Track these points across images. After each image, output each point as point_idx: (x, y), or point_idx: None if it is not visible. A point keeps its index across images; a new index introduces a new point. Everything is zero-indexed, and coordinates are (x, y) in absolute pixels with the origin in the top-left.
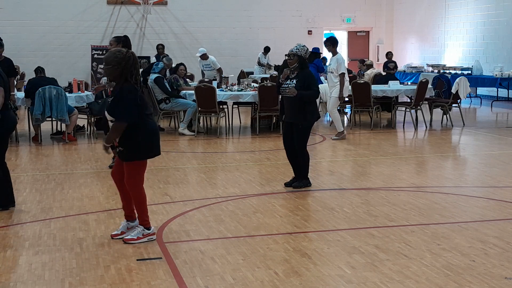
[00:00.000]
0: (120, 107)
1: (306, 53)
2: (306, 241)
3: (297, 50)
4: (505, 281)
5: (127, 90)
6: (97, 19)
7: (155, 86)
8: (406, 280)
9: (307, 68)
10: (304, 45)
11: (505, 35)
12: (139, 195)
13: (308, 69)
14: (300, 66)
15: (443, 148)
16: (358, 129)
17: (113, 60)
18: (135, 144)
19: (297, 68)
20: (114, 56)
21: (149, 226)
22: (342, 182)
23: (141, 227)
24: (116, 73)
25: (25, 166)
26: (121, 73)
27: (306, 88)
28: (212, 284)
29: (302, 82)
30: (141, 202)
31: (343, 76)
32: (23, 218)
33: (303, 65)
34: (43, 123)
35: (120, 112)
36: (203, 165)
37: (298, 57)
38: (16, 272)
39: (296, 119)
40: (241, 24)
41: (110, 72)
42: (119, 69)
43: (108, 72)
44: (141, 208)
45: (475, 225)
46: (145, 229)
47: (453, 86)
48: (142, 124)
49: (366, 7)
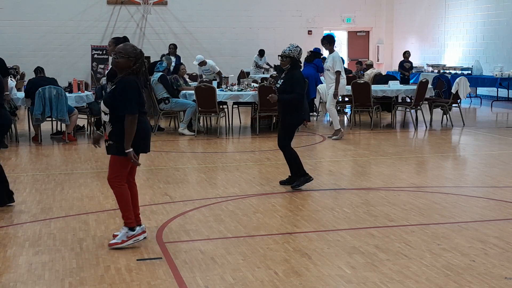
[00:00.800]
0: (124, 100)
1: (299, 54)
2: (306, 241)
3: (289, 52)
4: (505, 281)
5: (130, 82)
6: (97, 19)
7: (158, 85)
8: (406, 280)
9: (296, 69)
10: (297, 46)
11: (505, 35)
12: (121, 190)
13: (297, 70)
14: (291, 67)
15: (443, 148)
16: (358, 129)
17: (131, 52)
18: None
19: (289, 69)
20: (133, 48)
21: (134, 227)
22: (342, 182)
23: (125, 229)
24: (129, 64)
25: (25, 166)
26: (133, 66)
27: (290, 90)
28: (212, 284)
29: (286, 84)
30: (123, 199)
31: (339, 74)
32: (23, 218)
33: (294, 66)
34: (43, 123)
35: (125, 105)
36: (203, 165)
37: (290, 58)
38: (16, 272)
39: (282, 118)
40: (241, 24)
41: (123, 61)
42: (132, 62)
43: (121, 60)
44: (123, 205)
45: (475, 225)
46: (129, 231)
47: (453, 86)
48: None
49: (366, 7)
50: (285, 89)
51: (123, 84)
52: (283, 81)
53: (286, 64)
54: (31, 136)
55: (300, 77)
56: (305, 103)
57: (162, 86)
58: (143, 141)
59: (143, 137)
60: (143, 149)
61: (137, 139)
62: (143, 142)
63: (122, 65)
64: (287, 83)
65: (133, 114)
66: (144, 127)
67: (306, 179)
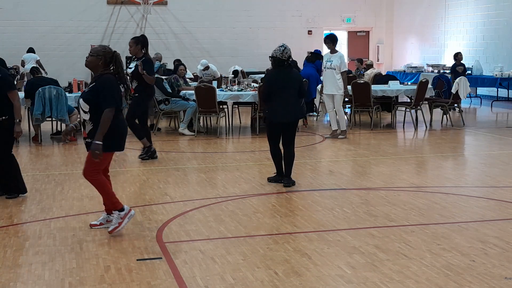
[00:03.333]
0: (104, 94)
1: (283, 54)
2: (306, 241)
3: (281, 55)
4: (505, 281)
5: (109, 78)
6: (97, 19)
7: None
8: (406, 280)
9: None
10: (285, 47)
11: (505, 35)
12: (98, 181)
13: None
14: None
15: (443, 148)
16: (358, 129)
17: (100, 50)
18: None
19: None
20: (102, 48)
21: (122, 207)
22: (342, 182)
23: (116, 213)
24: (97, 62)
25: (25, 166)
26: (104, 64)
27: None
28: (212, 284)
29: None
30: (103, 187)
31: (345, 73)
32: (23, 218)
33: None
34: (43, 123)
35: (106, 98)
36: (203, 165)
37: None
38: (16, 272)
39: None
40: (241, 24)
41: (92, 60)
42: (100, 61)
43: (90, 59)
44: (105, 192)
45: (475, 225)
46: (120, 212)
47: (453, 86)
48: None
49: (366, 7)
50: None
51: (103, 80)
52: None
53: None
54: (31, 136)
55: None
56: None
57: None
58: (120, 138)
59: (119, 134)
60: (118, 146)
61: (113, 136)
62: (119, 139)
63: (91, 64)
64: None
65: (111, 107)
66: (121, 124)
67: (277, 179)
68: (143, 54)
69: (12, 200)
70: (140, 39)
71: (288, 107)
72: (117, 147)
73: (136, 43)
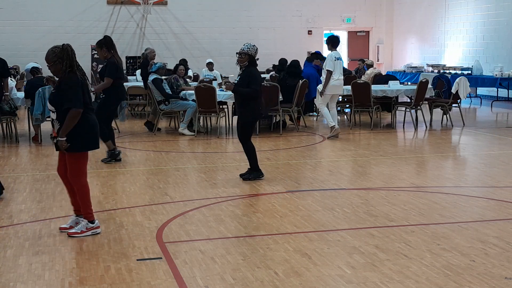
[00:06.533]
0: (70, 95)
1: (256, 52)
2: (306, 241)
3: (248, 50)
4: (505, 281)
5: (74, 79)
6: (97, 19)
7: (154, 87)
8: (406, 280)
9: (253, 66)
10: (254, 45)
11: (505, 35)
12: (82, 187)
13: (254, 67)
14: (248, 64)
15: (443, 148)
16: (358, 129)
17: (53, 57)
18: (76, 136)
19: (246, 66)
20: (52, 52)
21: (93, 220)
22: (342, 182)
23: (85, 221)
24: (59, 67)
25: (25, 166)
26: (65, 66)
27: (246, 86)
28: (212, 284)
29: (243, 80)
30: (84, 195)
31: (328, 73)
32: (23, 218)
33: (251, 63)
34: (43, 123)
35: (71, 99)
36: (203, 165)
37: (248, 55)
38: (16, 272)
39: (239, 114)
40: (241, 24)
41: (55, 68)
42: (62, 63)
43: (53, 69)
44: (84, 200)
45: (475, 225)
46: (89, 223)
47: (453, 86)
48: (83, 116)
49: (366, 7)
50: (242, 85)
51: (66, 81)
52: (240, 77)
53: (244, 61)
54: (31, 136)
55: (256, 74)
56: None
57: (155, 89)
58: (92, 137)
59: (91, 133)
60: (93, 145)
61: (85, 135)
62: (92, 138)
63: (57, 72)
64: (244, 79)
65: (77, 109)
66: (92, 124)
67: (257, 175)
68: (111, 56)
69: (12, 200)
70: (102, 41)
71: (260, 104)
72: (93, 145)
73: (100, 47)
